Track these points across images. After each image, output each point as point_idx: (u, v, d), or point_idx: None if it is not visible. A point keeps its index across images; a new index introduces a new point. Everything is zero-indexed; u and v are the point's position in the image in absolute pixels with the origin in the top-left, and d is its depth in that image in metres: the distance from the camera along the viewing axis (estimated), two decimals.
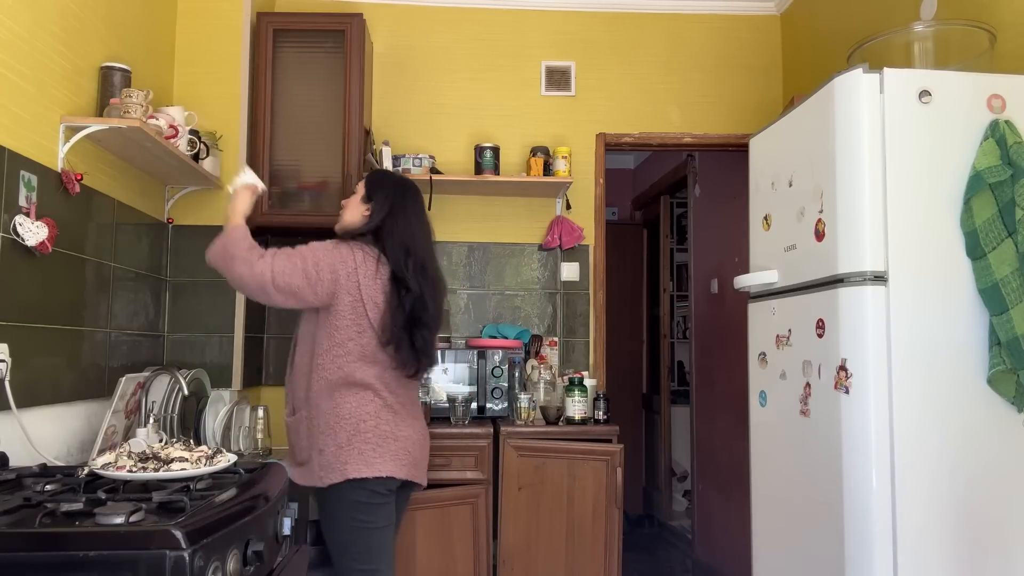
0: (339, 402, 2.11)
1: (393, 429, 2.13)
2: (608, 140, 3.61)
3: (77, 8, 2.17)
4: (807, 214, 2.11)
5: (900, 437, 1.84)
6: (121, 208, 2.47)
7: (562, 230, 3.47)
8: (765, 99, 3.64)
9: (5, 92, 1.84)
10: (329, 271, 2.08)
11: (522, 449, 2.86)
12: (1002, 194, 1.84)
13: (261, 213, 3.03)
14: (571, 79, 3.62)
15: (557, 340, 3.50)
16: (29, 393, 1.92)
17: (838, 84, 1.96)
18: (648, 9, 3.67)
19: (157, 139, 2.28)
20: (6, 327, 1.84)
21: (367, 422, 2.10)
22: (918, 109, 1.91)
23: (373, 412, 2.11)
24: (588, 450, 2.87)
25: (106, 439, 2.12)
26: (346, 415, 2.10)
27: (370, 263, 2.13)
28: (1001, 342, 1.81)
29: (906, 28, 2.24)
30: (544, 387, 3.13)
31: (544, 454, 2.87)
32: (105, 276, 2.36)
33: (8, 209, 1.84)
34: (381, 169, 3.01)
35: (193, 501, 1.38)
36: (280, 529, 1.68)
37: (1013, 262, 1.80)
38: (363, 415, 2.10)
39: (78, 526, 1.26)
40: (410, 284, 2.13)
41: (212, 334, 2.88)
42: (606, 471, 2.85)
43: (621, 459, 2.84)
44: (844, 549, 1.88)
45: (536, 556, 2.84)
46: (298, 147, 3.12)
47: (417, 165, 3.36)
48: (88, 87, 2.25)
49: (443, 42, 3.60)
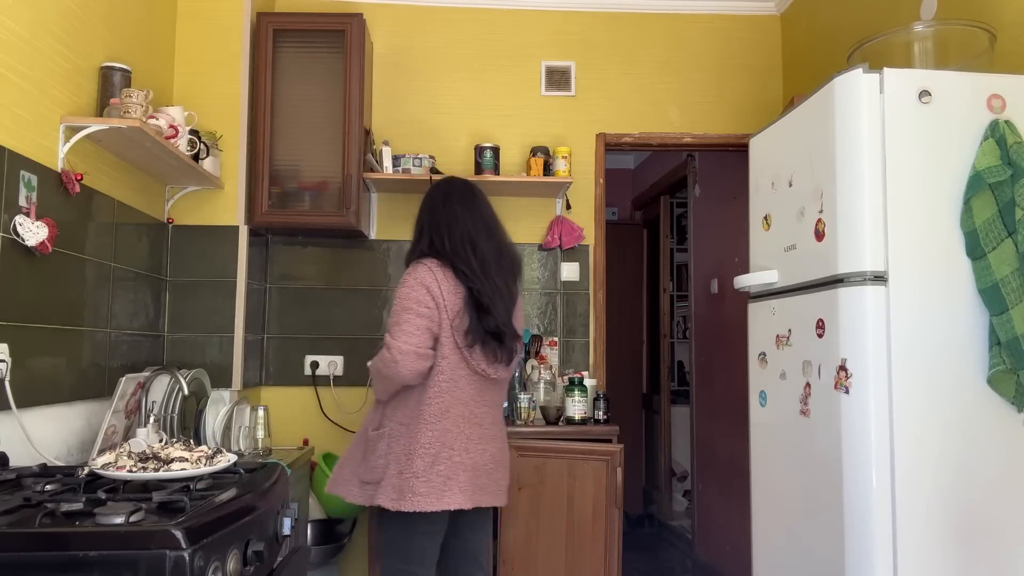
0: (422, 428, 2.18)
1: (468, 458, 2.21)
2: (608, 140, 3.61)
3: (77, 8, 2.17)
4: (807, 214, 2.11)
5: (900, 437, 1.84)
6: (121, 208, 2.47)
7: (562, 230, 3.47)
8: (765, 99, 3.64)
9: (5, 92, 1.84)
10: (426, 297, 2.19)
11: (522, 449, 2.85)
12: (1002, 194, 1.84)
13: (261, 213, 3.03)
14: (571, 79, 3.62)
15: (557, 340, 3.50)
16: (29, 393, 1.92)
17: (838, 84, 1.96)
18: (648, 9, 3.67)
19: (157, 139, 2.28)
20: (6, 327, 1.84)
21: (443, 452, 2.17)
22: (918, 109, 1.91)
23: (450, 442, 2.19)
24: (588, 450, 2.87)
25: (106, 439, 2.13)
26: (426, 443, 2.17)
27: (437, 270, 2.23)
28: (1001, 342, 1.81)
29: (906, 28, 2.24)
30: (544, 387, 3.13)
31: (544, 454, 2.87)
32: (105, 276, 2.36)
33: (8, 209, 1.84)
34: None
35: (193, 501, 1.38)
36: (280, 529, 1.68)
37: (1013, 262, 1.80)
38: (443, 443, 2.17)
39: (78, 526, 1.26)
40: (463, 266, 2.24)
41: (212, 334, 2.89)
42: (606, 471, 2.85)
43: (621, 459, 2.84)
44: (844, 549, 1.88)
45: (536, 556, 2.84)
46: (298, 147, 3.12)
47: (417, 165, 3.35)
48: (88, 87, 2.25)
49: (443, 42, 3.60)
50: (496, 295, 2.26)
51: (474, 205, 2.38)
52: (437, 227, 2.32)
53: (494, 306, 2.24)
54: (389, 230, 3.51)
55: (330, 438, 3.35)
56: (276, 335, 3.42)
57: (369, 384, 2.90)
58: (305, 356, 3.42)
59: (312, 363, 3.41)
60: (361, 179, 3.15)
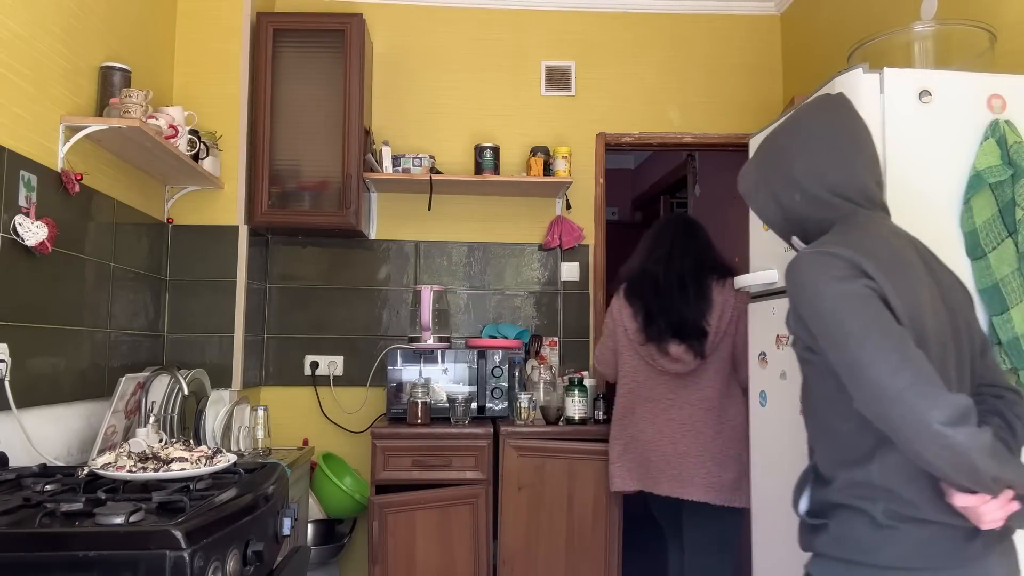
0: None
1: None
2: (608, 140, 3.61)
3: (77, 8, 2.17)
4: None
5: None
6: (121, 208, 2.47)
7: (562, 230, 3.47)
8: (765, 99, 3.64)
9: (5, 92, 1.84)
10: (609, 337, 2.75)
11: (522, 449, 2.85)
12: (1002, 194, 1.84)
13: (261, 213, 3.03)
14: (571, 79, 3.61)
15: (557, 340, 3.50)
16: (29, 393, 1.92)
17: (838, 84, 1.96)
18: (648, 9, 3.67)
19: (157, 139, 2.28)
20: (6, 327, 1.84)
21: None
22: (918, 109, 1.91)
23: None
24: (588, 450, 2.87)
25: (106, 439, 2.12)
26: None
27: (618, 301, 2.72)
28: (1001, 342, 1.81)
29: (906, 28, 2.24)
30: (544, 387, 3.13)
31: (544, 454, 2.86)
32: (105, 276, 2.36)
33: (8, 209, 1.84)
34: None
35: (193, 501, 1.38)
36: (280, 529, 1.68)
37: (1013, 262, 1.80)
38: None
39: (78, 526, 1.26)
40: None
41: (212, 334, 2.88)
42: (606, 471, 2.84)
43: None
44: None
45: (536, 556, 2.84)
46: (298, 147, 3.12)
47: (417, 165, 3.35)
48: (88, 87, 2.25)
49: (443, 42, 3.60)
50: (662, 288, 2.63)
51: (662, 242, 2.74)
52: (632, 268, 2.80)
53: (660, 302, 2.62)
54: (389, 230, 3.51)
55: (330, 438, 3.35)
56: (276, 335, 3.42)
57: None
58: (305, 356, 3.42)
59: (312, 363, 3.41)
60: (361, 179, 3.15)
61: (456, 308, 3.50)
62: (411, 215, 3.50)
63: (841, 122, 1.41)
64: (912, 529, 1.22)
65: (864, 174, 1.38)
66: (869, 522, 1.24)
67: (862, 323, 1.17)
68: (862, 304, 1.18)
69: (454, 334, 3.44)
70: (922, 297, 1.24)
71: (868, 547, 1.24)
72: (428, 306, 3.05)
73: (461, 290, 3.52)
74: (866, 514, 1.25)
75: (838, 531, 1.29)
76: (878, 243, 1.28)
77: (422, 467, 2.84)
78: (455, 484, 2.85)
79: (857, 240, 1.27)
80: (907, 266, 1.26)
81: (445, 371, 3.14)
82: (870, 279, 1.20)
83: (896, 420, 1.13)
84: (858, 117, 1.43)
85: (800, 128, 1.43)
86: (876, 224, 1.35)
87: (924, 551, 1.21)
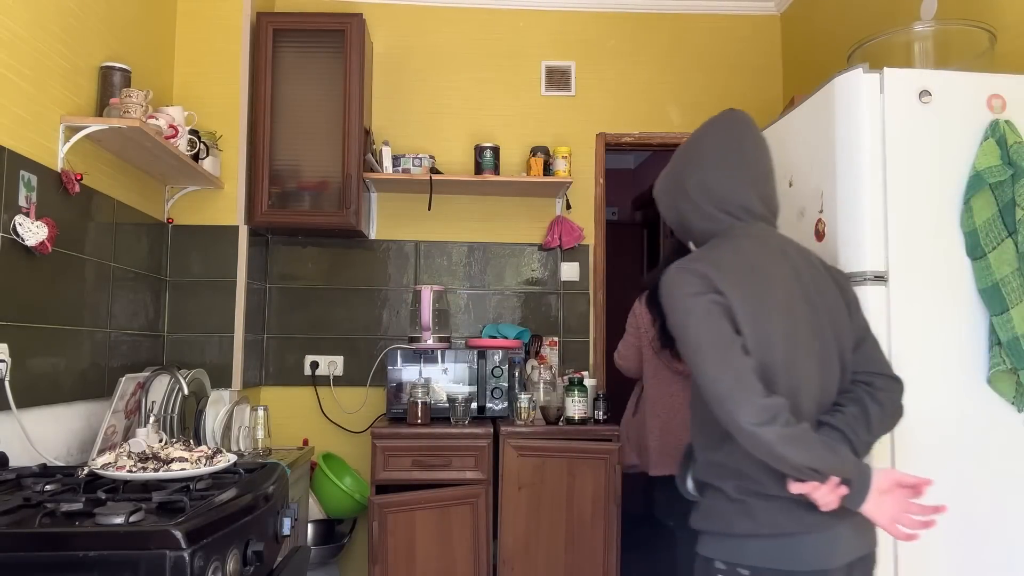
0: None
1: None
2: (608, 140, 3.61)
3: (77, 8, 2.17)
4: (807, 214, 2.10)
5: (900, 437, 1.84)
6: (121, 208, 2.47)
7: (562, 230, 3.47)
8: (765, 99, 3.64)
9: (5, 92, 1.84)
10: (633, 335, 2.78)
11: (522, 449, 2.85)
12: (1002, 194, 1.84)
13: (261, 213, 3.03)
14: (571, 79, 3.61)
15: (557, 340, 3.50)
16: (29, 393, 1.92)
17: (838, 84, 1.96)
18: (648, 9, 3.67)
19: (157, 139, 2.28)
20: (6, 327, 1.84)
21: None
22: (918, 109, 1.91)
23: None
24: (588, 450, 2.87)
25: (106, 439, 2.12)
26: None
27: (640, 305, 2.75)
28: (1001, 342, 1.81)
29: (906, 28, 2.24)
30: (544, 387, 3.13)
31: (544, 454, 2.86)
32: (105, 276, 2.36)
33: (8, 209, 1.84)
34: None
35: (193, 501, 1.38)
36: (280, 529, 1.68)
37: (1013, 262, 1.80)
38: None
39: (78, 526, 1.26)
40: None
41: (212, 334, 2.88)
42: (606, 471, 2.85)
43: (621, 458, 2.84)
44: None
45: (536, 556, 2.84)
46: (298, 147, 3.12)
47: (417, 165, 3.35)
48: (88, 87, 2.25)
49: (443, 42, 3.60)
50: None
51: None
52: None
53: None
54: (389, 230, 3.51)
55: (330, 438, 3.35)
56: (276, 335, 3.42)
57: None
58: (305, 356, 3.42)
59: (312, 363, 3.41)
60: (361, 179, 3.15)
61: (456, 308, 3.50)
62: (411, 215, 3.50)
63: (731, 140, 1.56)
64: (760, 502, 1.41)
65: (746, 190, 1.54)
66: (725, 497, 1.45)
67: (700, 334, 1.39)
68: (704, 317, 1.39)
69: (454, 334, 3.44)
70: (772, 301, 1.42)
71: (726, 519, 1.44)
72: (428, 306, 3.05)
73: (461, 290, 3.52)
74: (722, 491, 1.45)
75: (705, 507, 1.50)
76: (737, 256, 1.46)
77: (422, 467, 2.84)
78: (455, 484, 2.85)
79: (717, 256, 1.47)
80: (761, 275, 1.44)
81: (445, 371, 3.14)
82: (718, 293, 1.40)
83: (723, 418, 1.35)
84: (750, 135, 1.58)
85: (697, 144, 1.60)
86: (747, 237, 1.51)
87: (772, 520, 1.40)
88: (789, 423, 1.31)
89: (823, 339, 1.46)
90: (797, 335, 1.43)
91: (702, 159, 1.57)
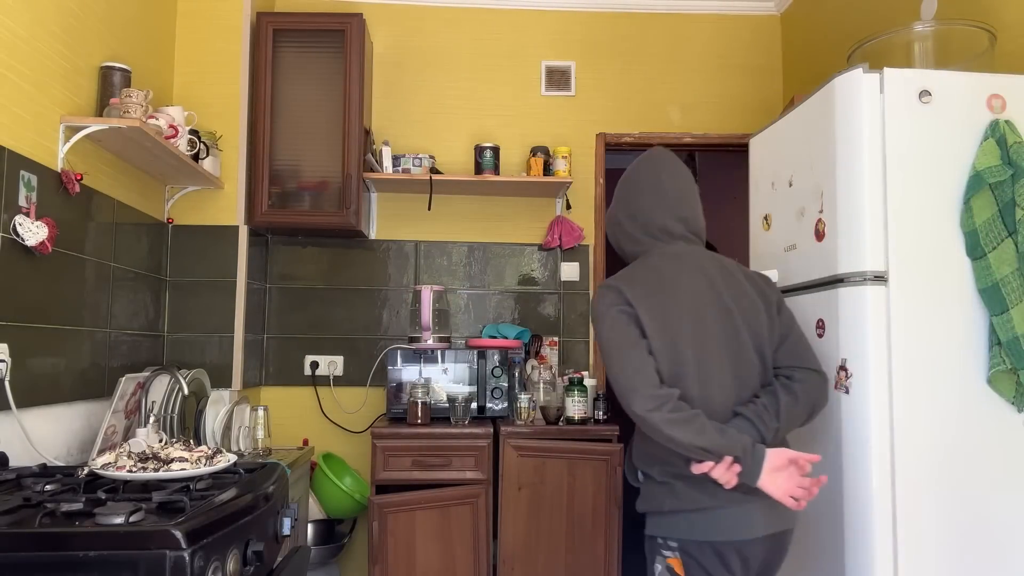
0: None
1: None
2: (608, 140, 3.61)
3: (76, 8, 2.17)
4: (807, 214, 2.10)
5: (900, 437, 1.84)
6: (121, 208, 2.47)
7: (562, 230, 3.47)
8: (765, 99, 3.64)
9: (5, 92, 1.84)
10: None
11: (522, 449, 2.85)
12: (1002, 194, 1.84)
13: (261, 213, 3.03)
14: (571, 79, 3.61)
15: (557, 340, 3.50)
16: (29, 393, 1.92)
17: (838, 84, 1.96)
18: (648, 9, 3.67)
19: (157, 139, 2.28)
20: (6, 327, 1.84)
21: None
22: (918, 109, 1.91)
23: None
24: (588, 450, 2.87)
25: (106, 439, 2.12)
26: None
27: None
28: (1001, 342, 1.81)
29: (906, 28, 2.24)
30: (544, 387, 3.13)
31: (544, 454, 2.86)
32: (105, 276, 2.36)
33: (8, 209, 1.84)
34: None
35: (193, 501, 1.38)
36: (280, 529, 1.68)
37: (1013, 262, 1.80)
38: None
39: (78, 526, 1.26)
40: None
41: (212, 334, 2.89)
42: (606, 471, 2.85)
43: (621, 459, 2.84)
44: (844, 549, 1.88)
45: (536, 556, 2.84)
46: (298, 147, 3.12)
47: (417, 165, 3.35)
48: (88, 87, 2.25)
49: (443, 42, 3.60)
50: None
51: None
52: None
53: None
54: (389, 230, 3.51)
55: (330, 438, 3.35)
56: (276, 335, 3.42)
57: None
58: (305, 356, 3.42)
59: (312, 363, 3.41)
60: (361, 179, 3.15)
61: (456, 308, 3.50)
62: (411, 215, 3.50)
63: (651, 173, 1.83)
64: (679, 483, 1.64)
65: (664, 215, 1.79)
66: (654, 481, 1.70)
67: (610, 338, 1.66)
68: (612, 324, 1.66)
69: (454, 334, 3.44)
70: (680, 308, 1.66)
71: (658, 500, 1.68)
72: (428, 306, 3.05)
73: (461, 290, 3.52)
74: (651, 476, 1.70)
75: (643, 491, 1.74)
76: (648, 272, 1.73)
77: (422, 467, 2.84)
78: (455, 484, 2.85)
79: (631, 273, 1.75)
80: (670, 286, 1.69)
81: (445, 371, 3.14)
82: (628, 304, 1.66)
83: (624, 408, 1.61)
84: (668, 167, 1.83)
85: (626, 180, 1.87)
86: (663, 255, 1.76)
87: (692, 497, 1.63)
88: (677, 409, 1.56)
89: (739, 340, 1.69)
90: (707, 337, 1.66)
91: (627, 191, 1.85)
